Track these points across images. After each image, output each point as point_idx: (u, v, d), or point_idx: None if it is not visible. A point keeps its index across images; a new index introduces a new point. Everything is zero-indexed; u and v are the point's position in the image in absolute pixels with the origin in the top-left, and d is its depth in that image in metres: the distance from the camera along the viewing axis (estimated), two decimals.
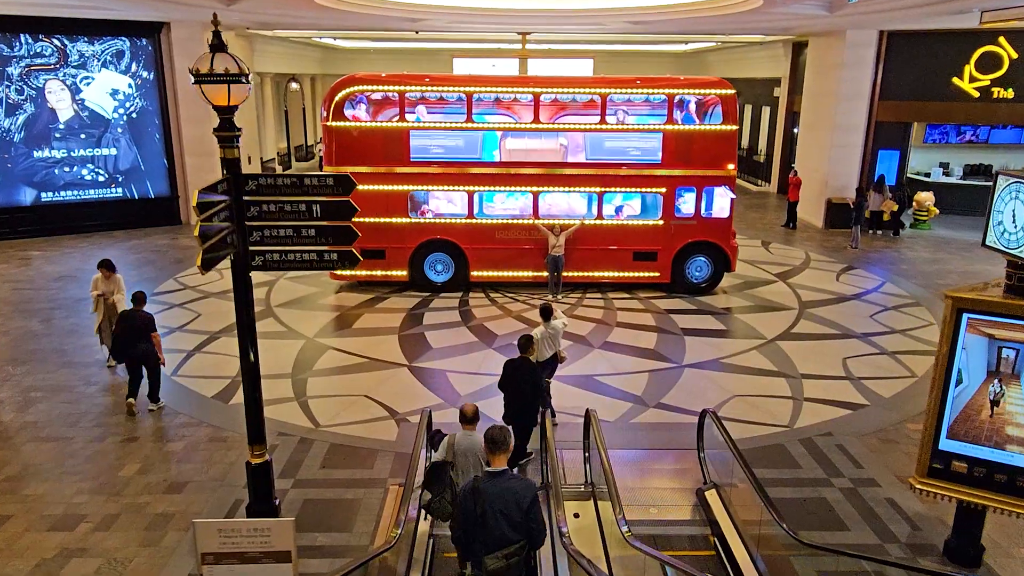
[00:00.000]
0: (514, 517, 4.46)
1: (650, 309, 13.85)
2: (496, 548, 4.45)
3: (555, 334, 8.91)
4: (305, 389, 10.16)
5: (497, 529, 4.43)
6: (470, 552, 4.59)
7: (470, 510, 4.49)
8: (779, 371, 10.95)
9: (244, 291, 6.57)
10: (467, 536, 4.55)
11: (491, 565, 4.45)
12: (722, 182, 14.17)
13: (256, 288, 15.35)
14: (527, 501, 4.49)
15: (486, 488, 4.50)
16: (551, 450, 6.66)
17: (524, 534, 4.52)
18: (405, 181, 14.08)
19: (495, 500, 4.45)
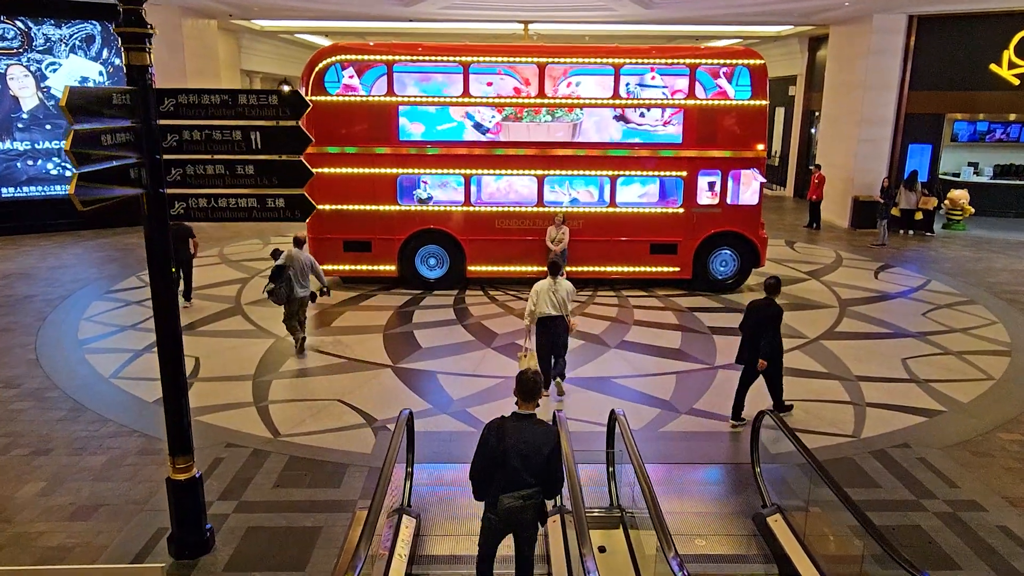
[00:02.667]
0: (534, 460, 4.40)
1: (670, 307, 12.20)
2: (513, 488, 4.41)
3: (561, 292, 8.07)
4: (267, 393, 8.49)
5: (516, 469, 4.39)
6: (485, 491, 4.55)
7: (493, 446, 4.43)
8: (831, 373, 9.28)
9: (161, 252, 4.93)
10: (485, 473, 4.50)
11: (507, 504, 4.42)
12: (750, 164, 12.60)
13: (227, 285, 13.90)
14: (548, 447, 4.45)
15: (510, 428, 4.47)
16: (568, 458, 4.99)
17: (541, 481, 4.46)
18: (393, 163, 12.50)
19: (518, 441, 4.41)
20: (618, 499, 6.01)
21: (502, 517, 4.46)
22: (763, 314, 7.55)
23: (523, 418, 4.49)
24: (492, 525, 4.55)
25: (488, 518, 4.56)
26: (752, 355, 7.57)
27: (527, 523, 4.53)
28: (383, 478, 4.77)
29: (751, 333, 7.59)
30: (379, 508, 4.47)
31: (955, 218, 19.66)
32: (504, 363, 9.52)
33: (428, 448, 7.09)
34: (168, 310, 5.06)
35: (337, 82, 12.42)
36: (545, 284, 8.10)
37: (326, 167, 12.43)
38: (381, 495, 4.61)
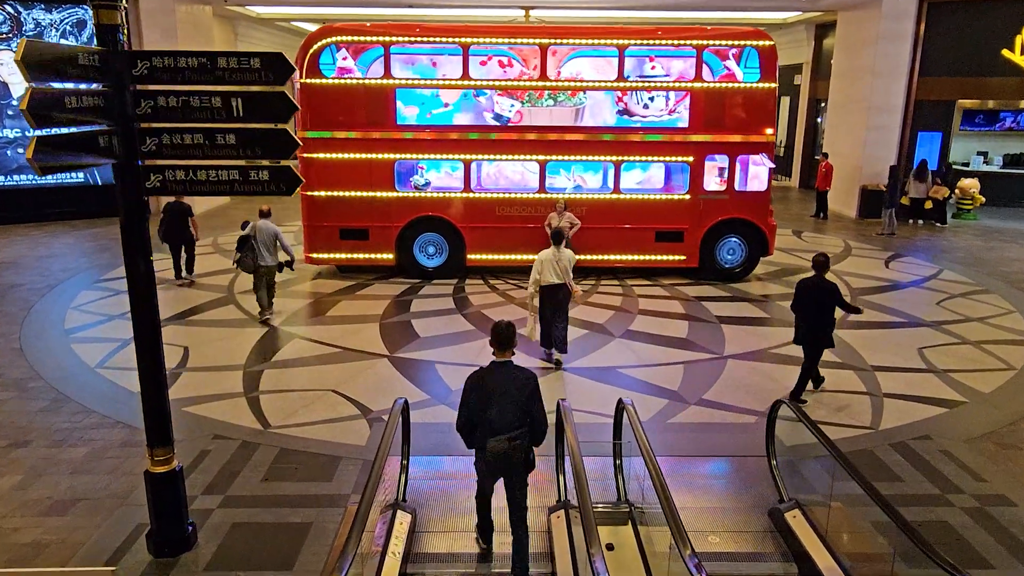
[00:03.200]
0: (518, 400, 4.60)
1: (676, 296, 11.85)
2: (500, 432, 4.57)
3: (564, 260, 8.37)
4: (258, 383, 8.15)
5: (501, 412, 4.57)
6: (473, 440, 4.75)
7: (477, 394, 4.64)
8: (845, 362, 8.93)
9: (137, 231, 4.58)
10: (471, 422, 4.69)
11: (494, 447, 4.58)
12: (759, 149, 12.22)
13: (220, 275, 13.53)
14: (530, 387, 4.67)
15: (491, 375, 4.67)
16: (573, 451, 4.65)
17: (525, 423, 4.63)
18: (391, 148, 12.13)
19: (500, 385, 4.62)
20: (626, 493, 5.67)
21: (491, 461, 4.68)
22: (818, 291, 7.42)
23: (501, 365, 4.71)
24: (483, 469, 4.84)
25: (484, 466, 4.83)
26: (809, 333, 7.53)
27: (515, 466, 4.72)
28: (375, 471, 4.43)
29: (806, 312, 7.50)
30: (370, 503, 4.13)
31: (966, 207, 19.26)
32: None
33: (425, 440, 6.75)
34: (145, 292, 4.72)
35: (332, 64, 12.05)
36: (548, 253, 8.36)
37: (321, 152, 12.08)
38: (372, 489, 4.27)
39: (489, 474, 4.84)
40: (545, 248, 8.61)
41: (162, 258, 11.40)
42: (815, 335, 7.51)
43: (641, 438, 4.86)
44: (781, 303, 11.45)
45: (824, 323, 7.47)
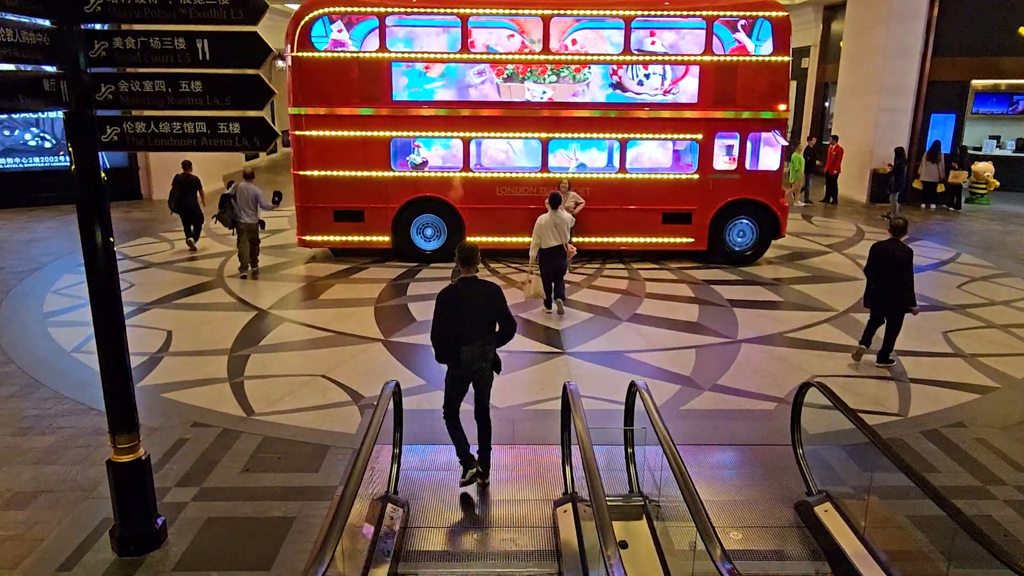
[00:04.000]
0: (485, 311, 5.02)
1: (684, 279, 11.34)
2: (473, 339, 4.97)
3: (561, 223, 8.93)
4: (243, 368, 7.66)
5: (472, 321, 4.96)
6: (445, 353, 5.08)
7: (450, 307, 4.98)
8: None
9: (93, 191, 4.07)
10: (444, 335, 5.03)
11: (467, 354, 4.98)
12: (771, 126, 11.69)
13: (210, 258, 13.03)
14: (497, 299, 5.07)
15: (462, 291, 5.02)
16: (582, 435, 4.16)
17: (493, 329, 5.06)
18: (386, 126, 11.60)
19: (470, 297, 4.98)
20: (639, 485, 5.18)
21: (465, 368, 5.07)
22: (895, 256, 7.39)
23: (469, 280, 5.09)
24: (456, 377, 5.17)
25: (452, 373, 5.16)
26: (881, 298, 7.54)
27: (485, 372, 5.17)
28: (360, 459, 3.94)
29: (879, 276, 7.50)
30: (353, 495, 3.64)
31: (979, 191, 18.72)
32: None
33: (420, 427, 6.26)
34: (102, 254, 4.19)
35: (325, 37, 11.51)
36: (547, 218, 8.91)
37: (314, 130, 11.56)
38: (357, 479, 3.78)
39: (461, 382, 5.17)
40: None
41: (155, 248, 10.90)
42: (891, 300, 7.47)
43: (658, 424, 4.36)
44: (795, 286, 10.95)
45: (898, 286, 7.38)
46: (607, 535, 3.28)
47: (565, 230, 9.01)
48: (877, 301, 7.59)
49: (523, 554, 4.62)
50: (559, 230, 8.88)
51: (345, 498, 3.60)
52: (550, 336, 8.72)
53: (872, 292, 7.63)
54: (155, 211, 17.19)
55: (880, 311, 7.63)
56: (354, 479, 3.77)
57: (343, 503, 3.56)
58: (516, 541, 4.74)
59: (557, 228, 8.86)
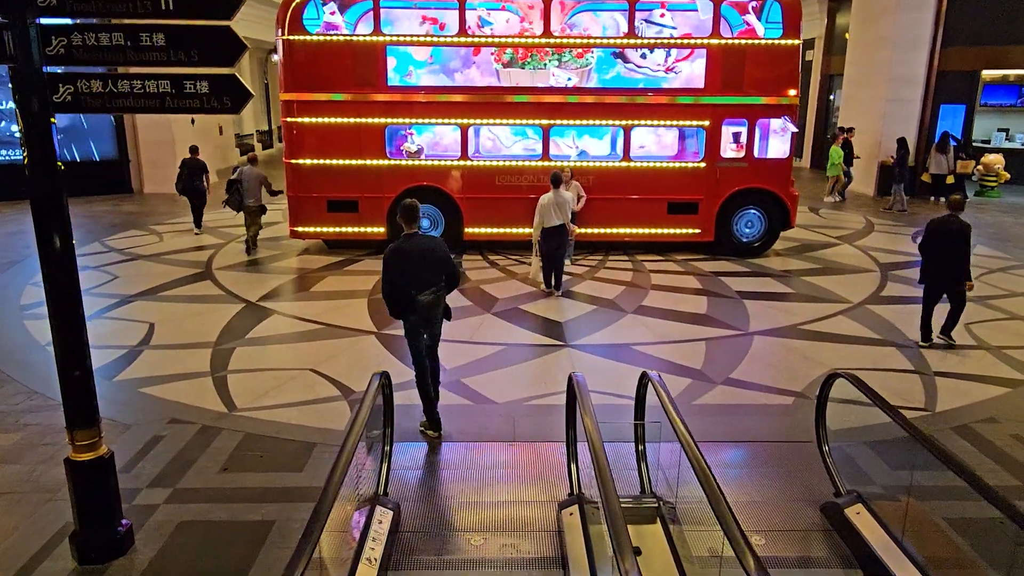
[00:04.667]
0: (432, 261, 5.43)
1: (691, 271, 10.92)
2: (425, 288, 5.41)
3: (563, 202, 9.06)
4: (227, 362, 7.23)
5: (422, 273, 5.39)
6: (397, 307, 5.51)
7: (399, 262, 5.36)
8: (886, 339, 8.01)
9: (45, 162, 3.64)
10: (396, 289, 5.41)
11: (423, 300, 5.41)
12: (781, 112, 11.26)
13: (199, 251, 12.57)
14: (440, 249, 5.53)
15: (407, 245, 5.40)
16: (591, 431, 3.73)
17: (441, 276, 5.50)
18: (381, 112, 11.17)
19: (417, 251, 5.39)
20: (651, 485, 4.75)
21: (421, 313, 5.46)
22: (951, 231, 7.27)
23: (413, 236, 5.45)
24: (414, 325, 5.54)
25: (411, 323, 5.54)
26: (936, 275, 7.46)
27: (437, 318, 5.64)
28: (344, 456, 3.51)
29: (936, 253, 7.40)
30: (333, 496, 3.22)
31: (989, 184, 18.29)
32: (506, 329, 8.26)
33: (414, 423, 5.85)
34: (57, 229, 3.76)
35: (317, 19, 11.08)
36: (549, 197, 9.04)
37: (306, 116, 11.13)
38: (339, 479, 3.36)
39: (419, 328, 5.54)
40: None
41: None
42: (946, 276, 7.40)
43: (675, 418, 3.94)
44: (806, 278, 10.52)
45: (954, 261, 7.31)
46: (622, 543, 2.86)
47: (567, 209, 9.12)
48: (932, 278, 7.50)
49: (525, 561, 4.19)
50: (561, 209, 9.02)
51: (325, 499, 3.18)
52: (551, 328, 8.30)
53: (927, 269, 7.54)
54: (146, 204, 16.77)
55: (936, 288, 7.55)
56: (336, 478, 3.35)
57: (322, 505, 3.14)
58: (517, 547, 4.32)
59: (559, 207, 8.99)
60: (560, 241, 9.21)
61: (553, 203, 8.99)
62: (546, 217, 9.01)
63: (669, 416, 3.98)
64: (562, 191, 9.15)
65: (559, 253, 9.34)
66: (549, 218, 9.01)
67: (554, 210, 8.99)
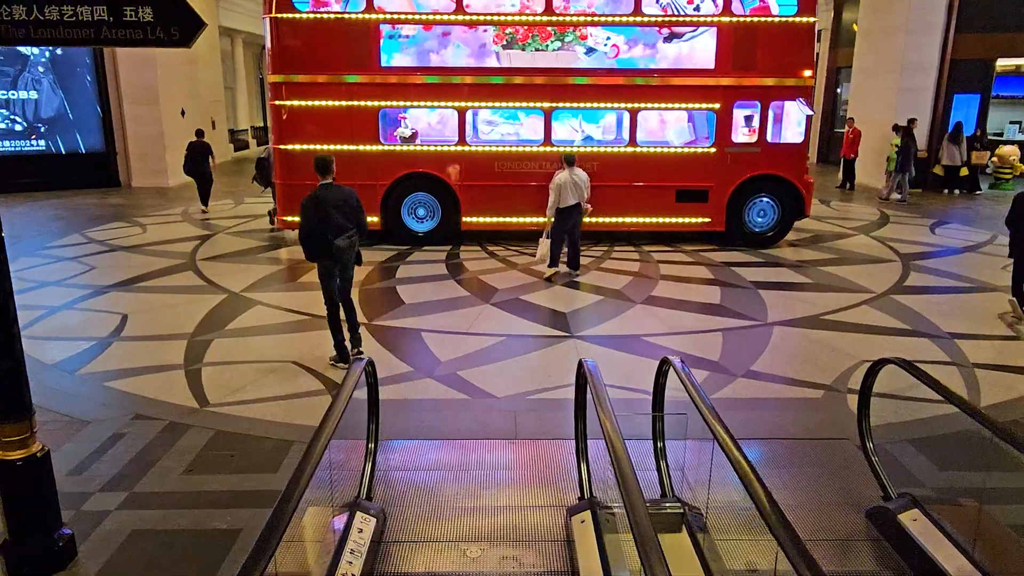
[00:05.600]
0: (345, 209, 5.99)
1: (701, 261, 10.35)
2: (340, 233, 5.96)
3: (580, 181, 8.92)
4: (203, 354, 6.64)
5: (337, 220, 5.93)
6: (313, 252, 6.08)
7: (315, 210, 5.91)
8: (916, 329, 7.44)
9: None
10: (313, 234, 5.97)
11: (339, 244, 5.95)
12: (796, 94, 10.69)
13: (184, 242, 11.97)
14: (353, 198, 6.09)
15: (325, 194, 5.97)
16: (607, 426, 3.15)
17: (355, 223, 6.07)
18: (375, 94, 10.60)
19: (332, 200, 5.95)
20: (672, 488, 4.17)
21: (336, 257, 5.98)
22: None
23: (328, 186, 5.98)
24: (328, 268, 6.07)
25: (323, 264, 6.06)
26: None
27: (350, 262, 6.13)
28: (313, 454, 2.94)
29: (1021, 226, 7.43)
30: (298, 497, 2.64)
31: (1004, 176, 17.73)
32: (506, 320, 7.69)
33: (405, 420, 5.29)
34: None
35: None
36: (565, 175, 8.84)
37: (295, 99, 10.56)
38: (306, 478, 2.78)
39: (331, 271, 6.07)
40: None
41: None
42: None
43: (705, 410, 3.36)
44: (824, 268, 9.94)
45: None
46: (653, 557, 2.28)
47: (583, 189, 8.96)
48: (1020, 249, 7.54)
49: (529, 575, 3.62)
50: (578, 188, 8.87)
51: (286, 505, 2.60)
52: (555, 319, 7.72)
53: (1015, 240, 7.59)
54: (133, 197, 16.19)
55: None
56: (303, 479, 2.77)
57: (281, 511, 2.56)
58: (520, 559, 3.74)
59: (576, 186, 8.85)
60: (576, 220, 9.08)
61: (570, 182, 8.81)
62: (563, 196, 8.80)
63: (698, 407, 3.40)
64: (576, 170, 8.92)
65: (576, 231, 9.20)
66: (566, 197, 8.81)
67: (571, 189, 8.82)
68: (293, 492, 2.66)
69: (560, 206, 8.88)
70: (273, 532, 2.45)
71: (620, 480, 2.77)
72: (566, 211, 8.93)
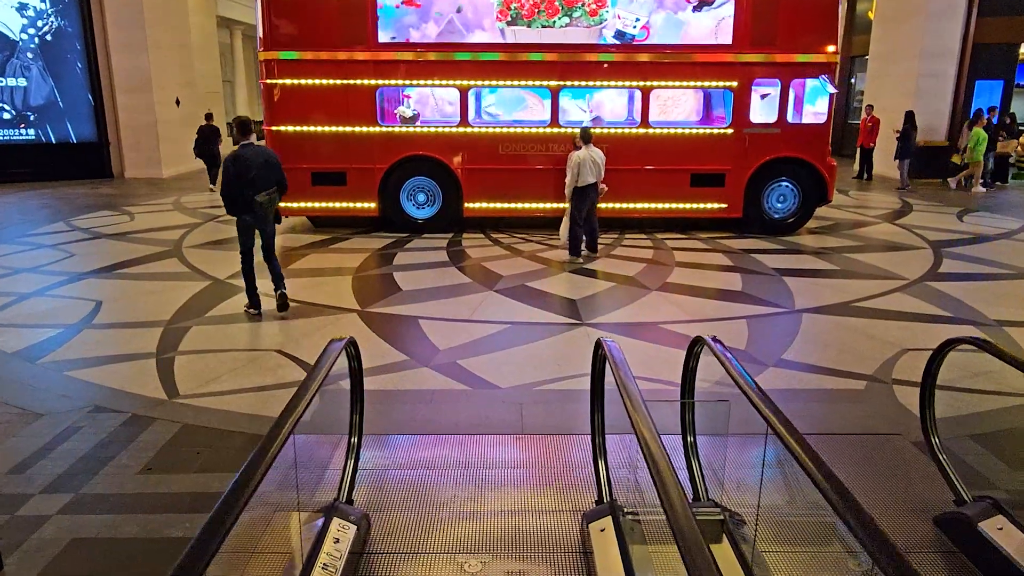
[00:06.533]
0: (267, 168, 6.31)
1: (718, 248, 9.74)
2: (261, 190, 6.26)
3: (597, 160, 8.60)
4: (179, 342, 6.06)
5: (257, 177, 6.22)
6: (234, 206, 6.36)
7: (237, 168, 6.19)
8: (957, 316, 6.81)
9: None
10: (234, 190, 6.25)
11: (260, 199, 6.27)
12: (819, 71, 10.06)
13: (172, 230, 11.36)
14: (274, 158, 6.47)
15: (246, 152, 6.25)
16: (634, 411, 2.55)
17: (274, 181, 6.40)
18: (371, 72, 10.02)
19: (252, 159, 6.22)
20: (706, 490, 3.55)
21: (256, 211, 6.32)
22: None
23: (248, 146, 6.28)
24: (247, 223, 6.42)
25: (243, 219, 6.40)
26: None
27: (268, 218, 6.48)
28: (271, 450, 2.34)
29: None
30: (245, 499, 2.05)
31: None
32: (511, 307, 7.09)
33: (397, 412, 4.71)
34: None
35: None
36: (583, 153, 8.50)
37: (288, 77, 9.99)
38: (259, 474, 2.18)
39: (250, 227, 6.41)
40: (561, 183, 9.00)
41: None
42: None
43: (752, 394, 2.76)
44: (849, 255, 9.31)
45: None
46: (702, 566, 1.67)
47: (602, 166, 8.67)
48: None
49: None
50: (596, 166, 8.56)
51: (230, 504, 2.01)
52: (564, 306, 7.12)
53: None
54: (125, 187, 15.66)
55: None
56: (255, 476, 2.17)
57: (223, 511, 1.97)
58: (528, 574, 3.13)
59: (595, 164, 8.55)
60: (593, 200, 8.77)
61: (589, 159, 8.47)
62: (582, 174, 8.47)
63: (745, 392, 2.79)
64: (592, 147, 8.59)
65: (593, 213, 8.91)
66: (584, 174, 8.48)
67: (590, 166, 8.48)
68: (237, 498, 2.06)
69: (578, 184, 8.52)
70: (204, 548, 1.86)
71: (654, 471, 2.17)
72: (584, 191, 8.57)
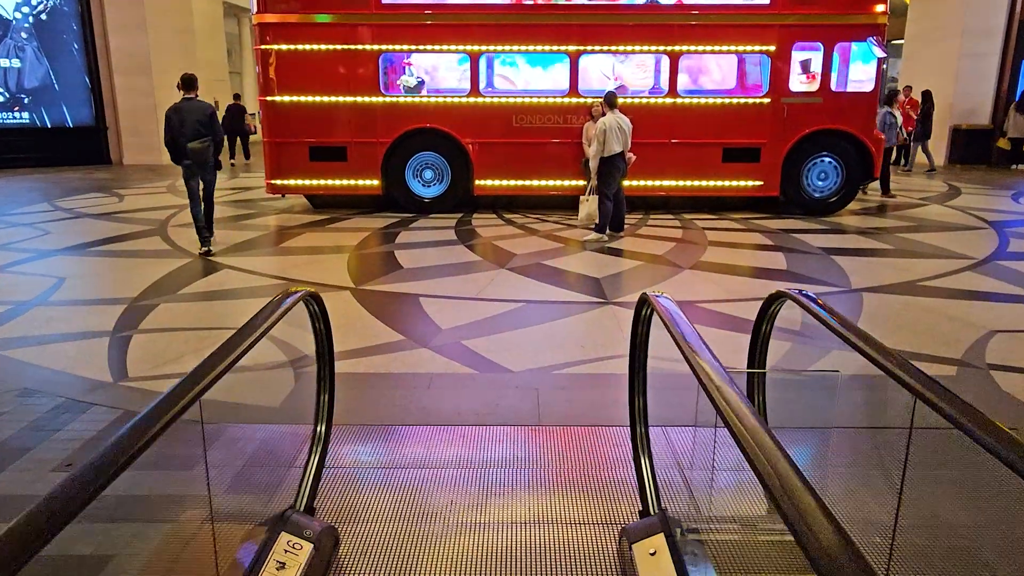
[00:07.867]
0: (203, 119, 6.92)
1: (754, 228, 8.82)
2: (195, 138, 6.87)
3: (624, 126, 7.80)
4: (141, 320, 5.24)
5: (192, 127, 6.86)
6: (177, 154, 7.01)
7: (177, 119, 6.86)
8: None
9: None
10: (175, 140, 6.90)
11: (195, 147, 6.87)
12: (865, 33, 9.11)
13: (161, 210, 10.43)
14: (210, 110, 7.01)
15: (185, 105, 6.88)
16: (712, 383, 1.65)
17: (210, 130, 6.98)
18: (374, 38, 9.20)
19: (191, 110, 6.88)
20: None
21: (193, 158, 6.94)
22: None
23: (190, 99, 6.93)
24: (190, 169, 7.04)
25: (186, 166, 7.02)
26: None
27: (209, 165, 7.11)
28: (142, 432, 1.48)
29: None
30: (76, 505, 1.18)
31: None
32: (525, 284, 6.22)
33: (385, 398, 3.86)
34: None
35: None
36: (611, 119, 7.74)
37: (283, 43, 9.19)
38: (108, 473, 1.32)
39: (194, 168, 7.02)
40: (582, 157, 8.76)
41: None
42: None
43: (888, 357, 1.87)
44: (903, 235, 8.36)
45: None
46: None
47: (628, 135, 7.87)
48: None
49: None
50: (623, 134, 7.79)
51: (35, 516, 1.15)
52: (586, 284, 6.24)
53: None
54: (122, 172, 14.97)
55: None
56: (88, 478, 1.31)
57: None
58: None
59: (622, 131, 7.77)
60: (623, 172, 8.03)
61: (616, 126, 7.69)
62: (609, 142, 7.69)
63: (889, 369, 1.91)
64: (619, 113, 7.84)
65: (620, 187, 8.15)
66: (611, 143, 7.69)
67: (617, 134, 7.71)
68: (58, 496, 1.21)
69: (604, 154, 7.73)
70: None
71: (766, 481, 1.29)
72: (611, 161, 7.79)
